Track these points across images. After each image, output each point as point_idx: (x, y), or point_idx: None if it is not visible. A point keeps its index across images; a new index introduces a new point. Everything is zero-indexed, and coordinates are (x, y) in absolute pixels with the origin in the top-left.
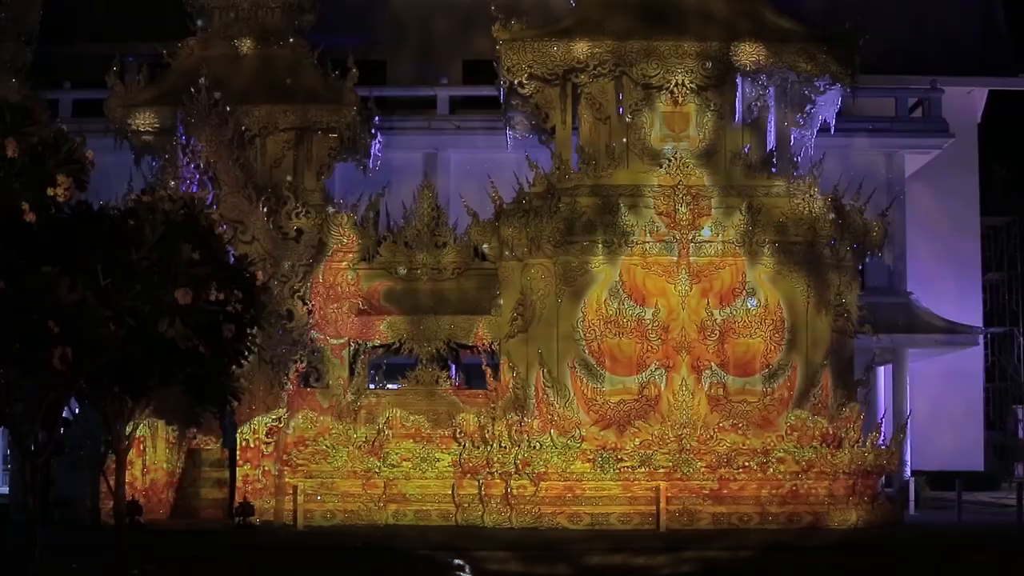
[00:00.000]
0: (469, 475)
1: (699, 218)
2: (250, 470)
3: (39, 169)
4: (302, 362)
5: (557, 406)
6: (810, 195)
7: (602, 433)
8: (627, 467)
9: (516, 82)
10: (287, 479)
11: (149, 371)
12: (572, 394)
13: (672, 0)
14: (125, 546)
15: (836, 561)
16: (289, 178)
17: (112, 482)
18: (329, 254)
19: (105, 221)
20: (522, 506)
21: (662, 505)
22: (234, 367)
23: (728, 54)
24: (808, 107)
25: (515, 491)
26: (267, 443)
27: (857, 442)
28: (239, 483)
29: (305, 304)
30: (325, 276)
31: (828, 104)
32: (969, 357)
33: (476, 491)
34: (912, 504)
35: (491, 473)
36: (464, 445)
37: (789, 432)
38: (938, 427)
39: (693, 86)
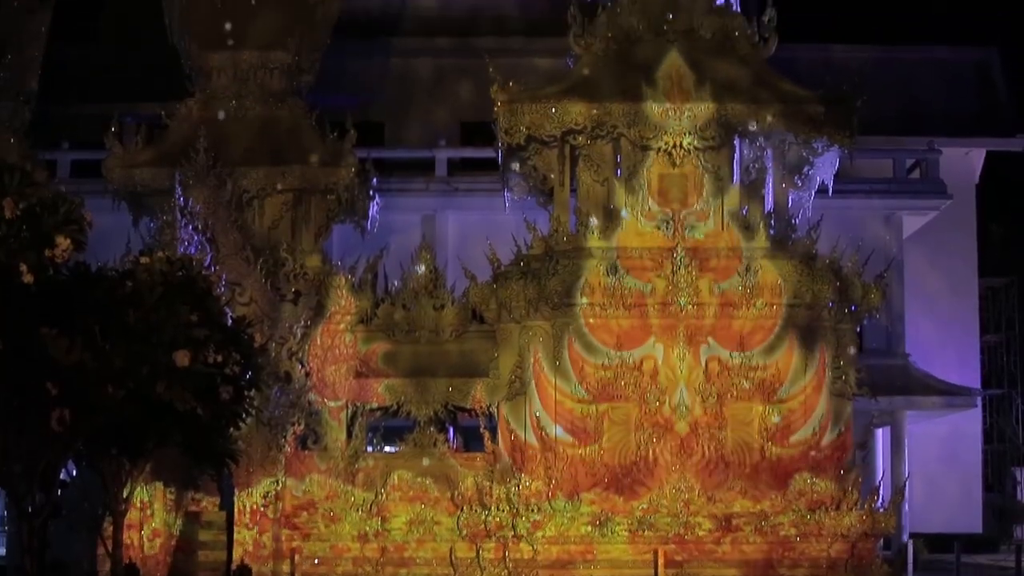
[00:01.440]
0: (468, 539)
1: (697, 279)
2: (248, 533)
3: (38, 230)
4: (300, 424)
5: (556, 469)
6: (808, 257)
7: (602, 495)
8: (627, 531)
9: (514, 144)
10: (285, 542)
11: (147, 433)
12: (570, 457)
13: (669, 62)
14: None
15: None
16: (287, 240)
17: (109, 544)
18: (327, 316)
19: (103, 282)
20: (521, 570)
21: (662, 570)
22: (232, 429)
23: (726, 116)
24: (806, 169)
25: (513, 555)
26: (265, 506)
27: (856, 505)
28: (237, 546)
29: (303, 366)
30: (323, 338)
31: (826, 166)
32: (967, 419)
33: (474, 555)
34: (911, 567)
35: (489, 536)
36: (462, 508)
37: (796, 496)
38: (936, 489)
39: (691, 148)
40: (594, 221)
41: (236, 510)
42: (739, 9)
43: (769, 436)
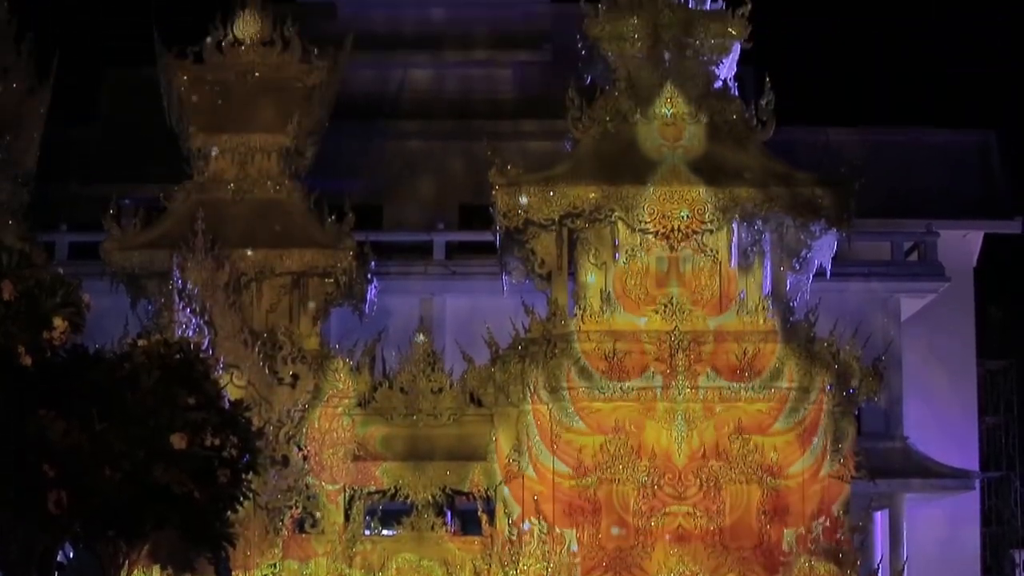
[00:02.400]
0: None
1: (695, 364)
2: None
3: (35, 312)
4: (297, 507)
5: (554, 553)
6: (807, 340)
7: None
8: None
9: (512, 227)
10: None
11: (144, 515)
12: (568, 540)
13: (667, 146)
14: None
15: None
16: (285, 323)
17: None
18: (325, 400)
19: (101, 365)
20: None
21: None
22: (229, 512)
23: (724, 200)
24: (804, 252)
25: None
26: None
27: None
28: None
29: (300, 450)
30: (321, 422)
31: (824, 248)
32: (966, 502)
33: None
34: None
35: None
36: None
37: None
38: (935, 572)
39: (688, 231)
40: (592, 305)
41: None
42: (737, 92)
43: (767, 519)
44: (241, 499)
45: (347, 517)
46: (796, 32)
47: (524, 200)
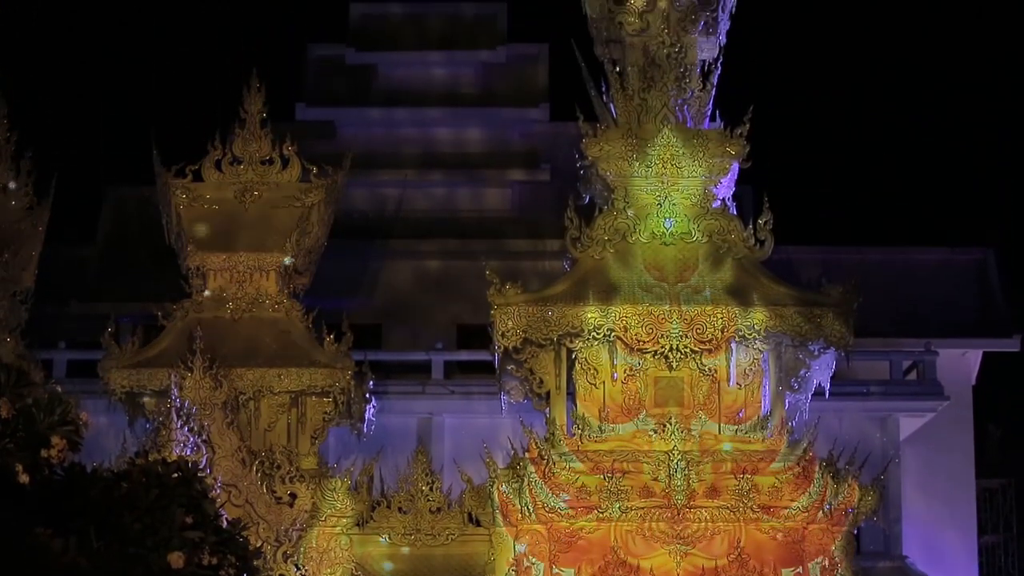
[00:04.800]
0: None
1: (693, 484)
2: None
3: (33, 430)
4: None
5: None
6: (805, 461)
7: None
8: None
9: (510, 347)
10: None
11: None
12: None
13: (665, 269)
14: None
15: None
16: (283, 442)
17: None
18: (323, 519)
19: (98, 483)
20: None
21: None
22: None
23: (723, 319)
24: (803, 371)
25: None
26: None
27: None
28: None
29: (298, 569)
30: (319, 541)
31: (823, 368)
32: None
33: None
34: None
35: None
36: None
37: None
38: None
39: (687, 351)
40: (590, 425)
41: None
42: (735, 211)
43: (766, 559)
44: None
45: None
46: (791, 152)
47: (522, 320)
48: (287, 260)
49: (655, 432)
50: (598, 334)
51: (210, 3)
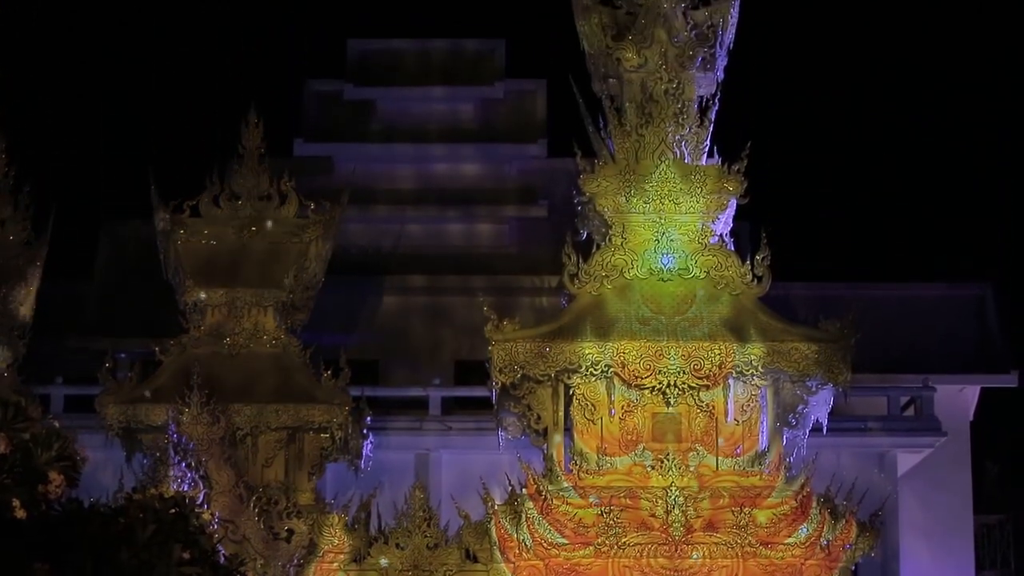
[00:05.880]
0: None
1: (691, 520)
2: None
3: (30, 465)
4: None
5: None
6: (802, 496)
7: None
8: None
9: (508, 383)
10: None
11: None
12: None
13: (662, 304)
14: None
15: None
16: (281, 477)
17: None
18: (320, 555)
19: (96, 519)
20: None
21: None
22: None
23: (720, 355)
24: (800, 407)
25: None
26: None
27: None
28: None
29: None
30: None
31: (820, 404)
32: None
33: None
34: None
35: None
36: None
37: None
38: None
39: (685, 387)
40: (588, 461)
41: None
42: (733, 247)
43: None
44: None
45: None
46: (789, 188)
47: (520, 356)
48: (284, 296)
49: (653, 467)
50: (596, 370)
51: (209, 39)
